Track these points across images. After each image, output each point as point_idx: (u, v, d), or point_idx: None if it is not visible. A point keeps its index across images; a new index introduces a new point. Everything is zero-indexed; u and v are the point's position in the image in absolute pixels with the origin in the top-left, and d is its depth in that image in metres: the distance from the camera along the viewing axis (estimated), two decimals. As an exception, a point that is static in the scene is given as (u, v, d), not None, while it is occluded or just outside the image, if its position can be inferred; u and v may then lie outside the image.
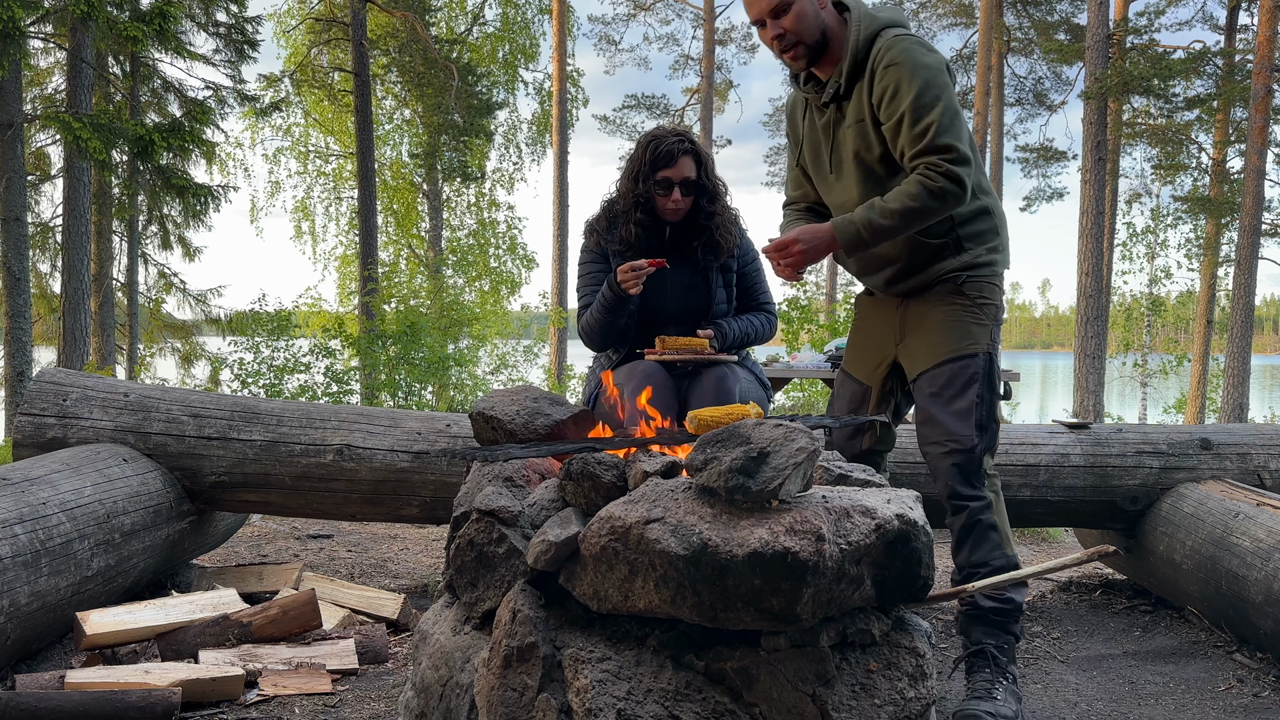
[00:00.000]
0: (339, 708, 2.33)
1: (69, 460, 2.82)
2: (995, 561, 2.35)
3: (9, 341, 9.60)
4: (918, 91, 2.27)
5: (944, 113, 2.27)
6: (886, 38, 2.36)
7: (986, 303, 2.49)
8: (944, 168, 2.27)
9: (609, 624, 1.72)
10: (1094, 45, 13.73)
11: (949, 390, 2.44)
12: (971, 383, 2.43)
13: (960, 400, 2.42)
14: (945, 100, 2.28)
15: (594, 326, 2.98)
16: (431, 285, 15.46)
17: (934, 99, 2.27)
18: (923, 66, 2.29)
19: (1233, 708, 2.47)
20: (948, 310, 2.49)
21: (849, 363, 2.78)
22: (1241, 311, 13.63)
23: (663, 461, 1.83)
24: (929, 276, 2.51)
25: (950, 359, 2.45)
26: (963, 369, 2.44)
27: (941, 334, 2.48)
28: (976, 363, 2.45)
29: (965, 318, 2.48)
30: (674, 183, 2.91)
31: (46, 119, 10.03)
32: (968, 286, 2.49)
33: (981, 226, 2.50)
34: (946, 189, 2.27)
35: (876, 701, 1.65)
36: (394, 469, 3.20)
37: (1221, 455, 3.37)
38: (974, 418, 2.41)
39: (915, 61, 2.29)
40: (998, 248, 2.53)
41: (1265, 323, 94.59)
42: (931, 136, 2.27)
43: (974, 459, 2.40)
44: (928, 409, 2.46)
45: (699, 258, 3.02)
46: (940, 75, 2.30)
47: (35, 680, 2.24)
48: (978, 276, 2.49)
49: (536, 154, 21.52)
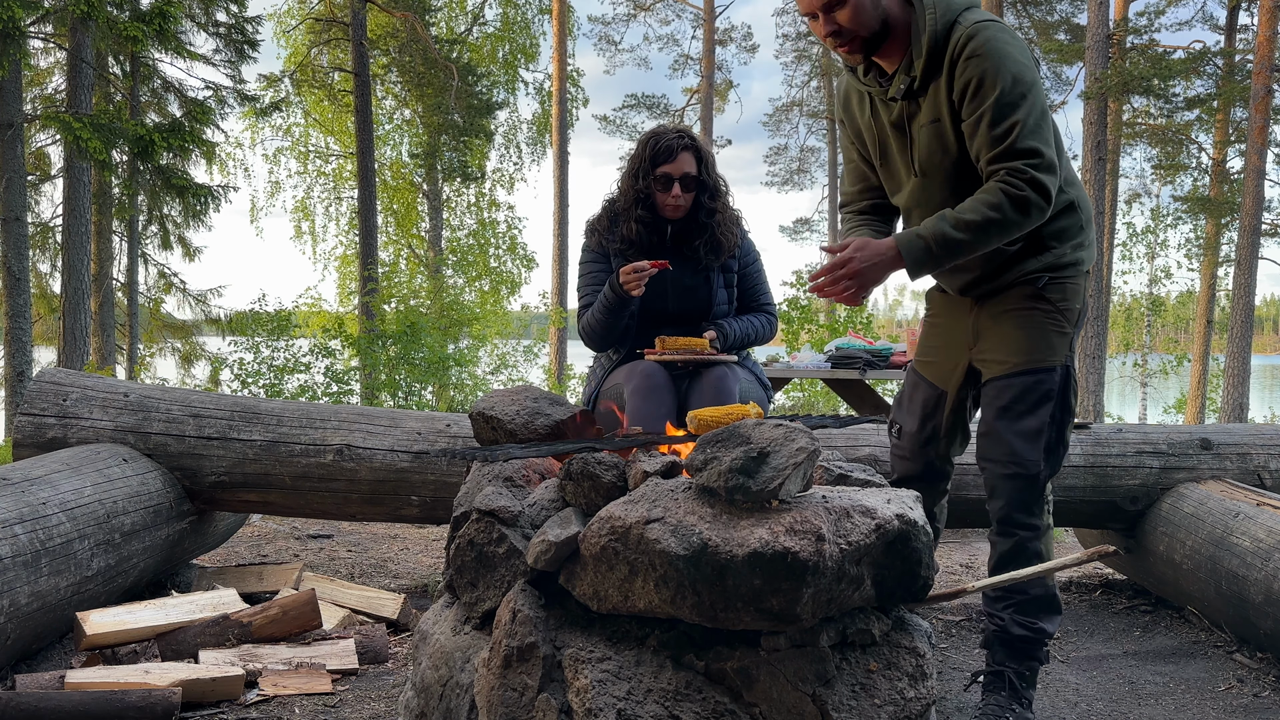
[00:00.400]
0: (339, 708, 2.33)
1: (69, 460, 2.82)
2: (1034, 590, 2.23)
3: (9, 341, 9.60)
4: (1003, 88, 2.03)
5: (1030, 113, 2.04)
6: (966, 25, 2.08)
7: (1069, 307, 2.25)
8: (1028, 174, 2.03)
9: (609, 624, 1.72)
10: (1094, 45, 13.73)
11: (1019, 406, 2.21)
12: (1045, 400, 2.21)
13: (1030, 419, 2.20)
14: (1032, 99, 2.05)
15: (595, 327, 2.98)
16: (431, 285, 15.47)
17: (1019, 96, 2.03)
18: (1011, 59, 2.04)
19: (1233, 708, 2.47)
20: (1026, 315, 2.24)
21: (921, 363, 2.53)
22: (1241, 311, 13.64)
23: (663, 461, 1.83)
24: (1008, 279, 2.27)
25: (1024, 370, 2.22)
26: (1037, 384, 2.21)
27: (1017, 341, 2.24)
28: (1053, 378, 2.21)
29: (1045, 324, 2.23)
30: (674, 178, 2.91)
31: (46, 119, 10.04)
32: (1050, 290, 2.24)
33: (1066, 223, 2.24)
34: (1031, 199, 2.04)
35: (876, 701, 1.65)
36: (394, 469, 3.20)
37: (1221, 455, 3.37)
38: (1043, 440, 2.20)
39: (1002, 52, 2.04)
40: (1083, 244, 2.28)
41: (1265, 323, 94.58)
42: (1014, 139, 2.04)
43: (1037, 485, 2.21)
44: (992, 423, 2.25)
45: (701, 256, 3.02)
46: (1029, 71, 2.06)
47: (35, 680, 2.24)
48: (1061, 278, 2.24)
49: (536, 154, 21.54)
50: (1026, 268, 2.24)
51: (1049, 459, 2.22)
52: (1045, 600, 2.25)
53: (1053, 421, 2.22)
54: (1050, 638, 2.27)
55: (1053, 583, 2.28)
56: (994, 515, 2.27)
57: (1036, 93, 2.06)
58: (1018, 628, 2.24)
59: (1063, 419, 2.24)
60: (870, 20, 2.12)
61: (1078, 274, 2.27)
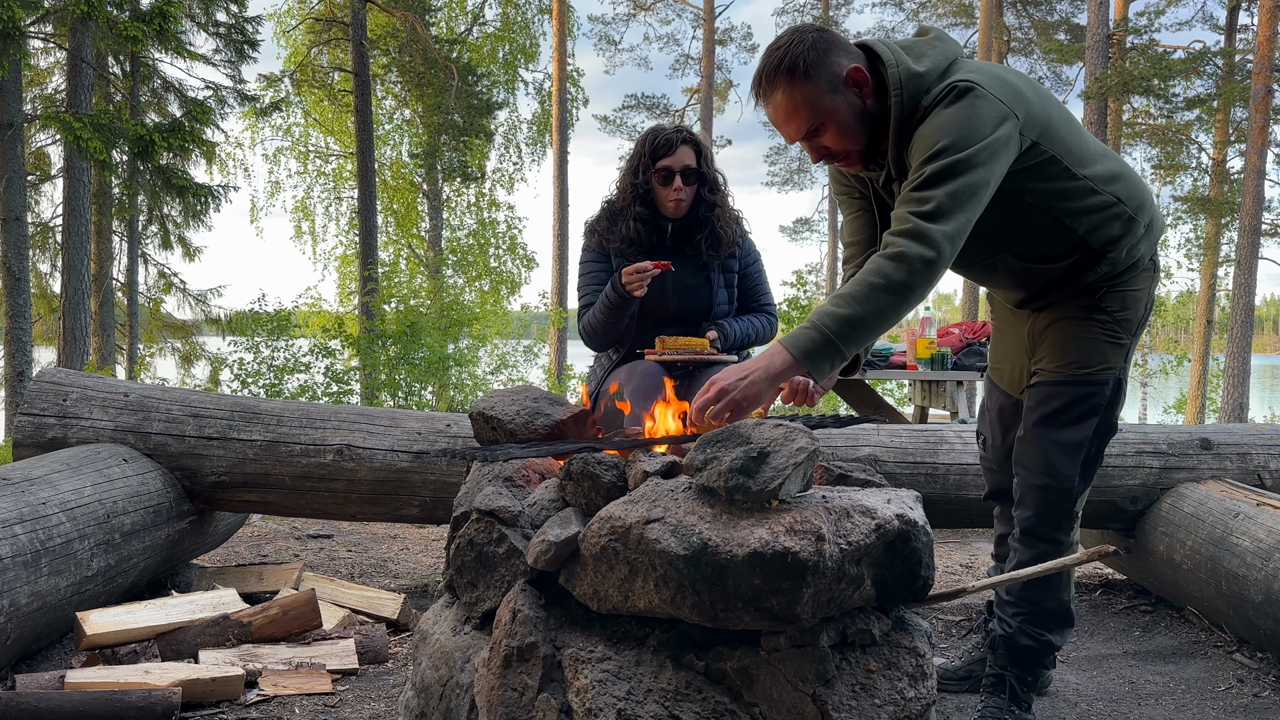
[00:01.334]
0: (339, 708, 2.33)
1: (69, 460, 2.82)
2: (1048, 603, 2.21)
3: (9, 341, 9.60)
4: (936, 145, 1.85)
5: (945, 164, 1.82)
6: (929, 100, 1.92)
7: (1128, 317, 2.12)
8: (911, 223, 1.80)
9: (609, 624, 1.72)
10: (1094, 45, 13.74)
11: (1063, 416, 2.12)
12: (1091, 414, 2.12)
13: (1072, 431, 2.12)
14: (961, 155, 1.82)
15: (596, 327, 2.98)
16: (431, 285, 15.47)
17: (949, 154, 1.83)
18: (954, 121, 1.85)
19: (1233, 708, 2.47)
20: (1081, 325, 2.13)
21: (994, 370, 2.47)
22: (1241, 311, 13.64)
23: (663, 461, 1.83)
24: (1066, 292, 2.14)
25: (1074, 380, 2.12)
26: (1086, 395, 2.12)
27: (1070, 349, 2.13)
28: (1103, 391, 2.12)
29: (1100, 334, 2.12)
30: (674, 171, 2.93)
31: (46, 119, 10.04)
32: (1108, 300, 2.11)
33: (1115, 226, 2.07)
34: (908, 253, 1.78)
35: (876, 701, 1.65)
36: (394, 469, 3.20)
37: (1221, 455, 3.37)
38: (1082, 455, 2.12)
39: (947, 118, 1.86)
40: (1138, 237, 2.09)
41: (1265, 323, 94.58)
42: (910, 186, 1.85)
43: (1068, 500, 2.14)
44: (1031, 429, 2.16)
45: (703, 250, 3.02)
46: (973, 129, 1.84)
47: (35, 680, 2.24)
48: (1120, 286, 2.11)
49: (536, 154, 21.54)
50: (1083, 280, 2.11)
51: (1084, 474, 2.15)
52: (1059, 614, 2.23)
53: (1095, 436, 2.14)
54: (1057, 650, 2.26)
55: (1068, 597, 2.24)
56: (1019, 523, 2.21)
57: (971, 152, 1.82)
58: (1025, 638, 2.23)
59: (1106, 434, 2.16)
60: (856, 133, 1.97)
61: (1136, 275, 2.13)
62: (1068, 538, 2.18)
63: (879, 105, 1.96)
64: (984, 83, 1.90)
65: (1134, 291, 2.13)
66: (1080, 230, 2.05)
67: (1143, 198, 2.13)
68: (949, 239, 1.80)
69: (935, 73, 1.96)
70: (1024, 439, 2.20)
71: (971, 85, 1.88)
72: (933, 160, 1.83)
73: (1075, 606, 2.31)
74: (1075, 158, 2.03)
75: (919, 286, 1.80)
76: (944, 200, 1.80)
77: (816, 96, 1.91)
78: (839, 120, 1.94)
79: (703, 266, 3.05)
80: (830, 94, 1.92)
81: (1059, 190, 2.02)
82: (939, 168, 1.82)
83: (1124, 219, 2.08)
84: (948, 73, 1.96)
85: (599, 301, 2.95)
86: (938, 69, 1.96)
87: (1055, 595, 2.21)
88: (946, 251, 1.80)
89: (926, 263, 1.78)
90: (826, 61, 1.90)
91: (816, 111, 1.92)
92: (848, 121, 1.94)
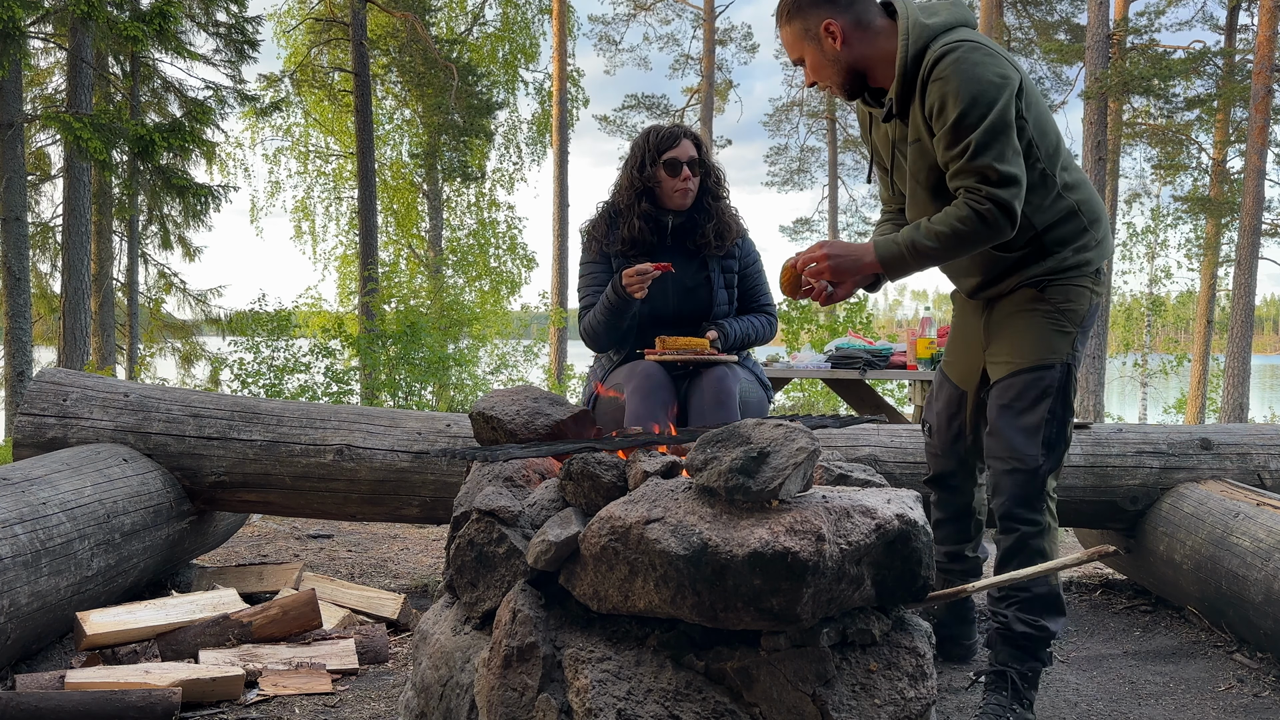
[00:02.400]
0: (339, 708, 2.33)
1: (69, 460, 2.82)
2: (1037, 589, 2.25)
3: (9, 341, 9.60)
4: (962, 109, 2.10)
5: (987, 132, 2.09)
6: (936, 49, 2.16)
7: (1071, 308, 2.31)
8: (984, 191, 2.10)
9: (609, 624, 1.72)
10: (1094, 45, 13.74)
11: (1019, 403, 2.30)
12: (1044, 397, 2.28)
13: (1030, 415, 2.28)
14: (991, 118, 2.09)
15: (597, 328, 2.99)
16: (431, 285, 15.48)
17: (977, 118, 2.09)
18: (973, 80, 2.09)
19: (1233, 708, 2.47)
20: (1028, 317, 2.33)
21: (946, 364, 2.67)
22: (1241, 311, 13.64)
23: (663, 461, 1.83)
24: (1012, 283, 2.36)
25: (1024, 369, 2.30)
26: (1036, 381, 2.29)
27: (1019, 342, 2.33)
28: (1052, 375, 2.29)
29: (1046, 325, 2.31)
30: (681, 162, 2.95)
31: (46, 119, 10.03)
32: (1051, 291, 2.32)
33: (1069, 228, 2.31)
34: (991, 214, 2.10)
35: (876, 701, 1.65)
36: (394, 469, 3.20)
37: (1221, 455, 3.37)
38: (1042, 435, 2.27)
39: (965, 74, 2.10)
40: (1088, 245, 2.33)
41: (1265, 323, 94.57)
42: (968, 159, 2.11)
43: (1036, 479, 2.27)
44: (995, 421, 2.33)
45: (710, 242, 3.03)
46: (991, 89, 2.10)
47: (35, 680, 2.24)
48: (1063, 280, 2.32)
49: (536, 154, 21.54)
50: (1030, 272, 2.32)
51: (1049, 454, 2.28)
52: (1049, 599, 2.28)
53: (1052, 417, 2.28)
54: (1054, 638, 2.28)
55: (1056, 583, 2.30)
56: (997, 512, 2.32)
57: (997, 112, 2.10)
58: (1021, 624, 2.25)
59: (1063, 415, 2.29)
60: (831, 74, 2.31)
61: (1082, 276, 2.32)
62: (1043, 519, 2.28)
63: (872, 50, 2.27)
64: (988, 44, 2.18)
65: (1077, 287, 2.32)
66: (1039, 225, 2.28)
67: (1098, 213, 2.36)
68: (1019, 200, 2.12)
69: (943, 27, 2.21)
70: (990, 434, 2.35)
71: (978, 44, 2.15)
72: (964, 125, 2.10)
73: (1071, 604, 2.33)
74: (1050, 153, 2.26)
75: (995, 240, 2.16)
76: (1008, 171, 2.10)
77: (797, 37, 2.31)
78: (813, 59, 2.31)
79: (703, 266, 3.06)
80: (807, 39, 2.29)
81: (1030, 183, 2.22)
82: (980, 136, 2.09)
83: (1079, 228, 2.32)
84: (954, 31, 2.20)
85: (599, 303, 2.96)
86: (946, 25, 2.22)
87: (1044, 581, 2.27)
88: (1018, 214, 2.13)
89: (1003, 224, 2.12)
90: (809, 12, 2.27)
91: (797, 48, 2.33)
92: (819, 62, 2.30)
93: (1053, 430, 2.28)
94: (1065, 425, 2.30)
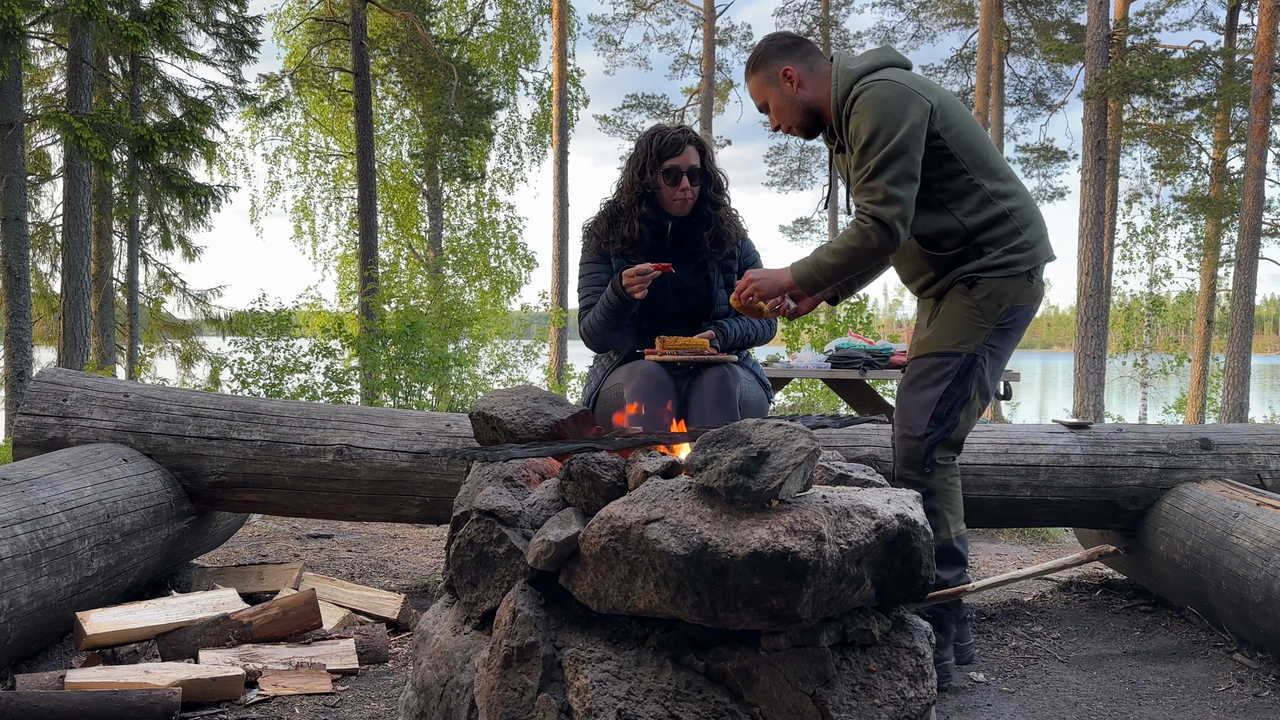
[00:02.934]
0: (339, 708, 2.33)
1: (69, 460, 2.82)
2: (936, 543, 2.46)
3: (9, 341, 9.60)
4: (867, 137, 2.43)
5: (885, 156, 2.40)
6: (857, 90, 2.49)
7: (990, 304, 2.57)
8: (870, 210, 2.42)
9: (609, 624, 1.72)
10: (1094, 45, 13.73)
11: (922, 380, 2.61)
12: (944, 379, 2.58)
13: (926, 392, 2.59)
14: (892, 145, 2.40)
15: (596, 328, 2.99)
16: (431, 285, 15.46)
17: (881, 144, 2.41)
18: (877, 112, 2.42)
19: (1233, 708, 2.47)
20: (951, 308, 2.61)
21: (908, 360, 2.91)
22: (1241, 311, 13.64)
23: (663, 461, 1.83)
24: (948, 281, 2.62)
25: (933, 353, 2.61)
26: (941, 364, 2.59)
27: (938, 329, 2.62)
28: (957, 361, 2.57)
29: (965, 316, 2.58)
30: (681, 171, 2.94)
31: (46, 119, 10.03)
32: (976, 287, 2.58)
33: (999, 231, 2.56)
34: (875, 232, 2.42)
35: (876, 701, 1.65)
36: (394, 469, 3.20)
37: (1221, 455, 3.37)
38: (932, 410, 2.57)
39: (871, 107, 2.43)
40: (1020, 247, 2.57)
41: (1265, 323, 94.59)
42: (864, 176, 2.43)
43: (920, 447, 2.57)
44: (898, 395, 2.67)
45: (705, 249, 3.03)
46: (891, 121, 2.41)
47: (35, 680, 2.24)
48: (986, 278, 2.57)
49: (536, 154, 21.52)
50: (963, 269, 2.59)
51: (936, 427, 2.57)
52: (943, 552, 2.56)
53: (946, 397, 2.57)
54: (946, 584, 2.51)
55: (948, 535, 2.58)
56: (895, 473, 2.65)
57: (898, 139, 2.41)
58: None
59: (959, 396, 2.58)
60: (792, 117, 2.66)
61: (1007, 275, 2.57)
62: (928, 481, 2.57)
63: (822, 93, 2.62)
64: (898, 78, 2.49)
65: (999, 285, 2.56)
66: (969, 227, 2.55)
67: (1031, 219, 2.61)
68: (900, 219, 2.44)
69: (865, 70, 2.54)
70: (895, 406, 2.70)
71: (891, 81, 2.47)
72: (868, 152, 2.43)
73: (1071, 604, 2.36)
74: (976, 164, 2.54)
75: (883, 251, 2.49)
76: (891, 193, 2.42)
77: (761, 84, 2.67)
78: (775, 102, 2.67)
79: (702, 267, 3.06)
80: (770, 84, 2.66)
81: (958, 191, 2.53)
82: (877, 162, 2.42)
83: (1011, 230, 2.56)
84: (876, 72, 2.53)
85: (599, 303, 2.95)
86: (868, 68, 2.55)
87: (939, 534, 2.57)
88: (899, 229, 2.44)
89: (883, 238, 2.45)
90: (770, 62, 2.65)
91: (762, 94, 2.69)
92: (781, 104, 2.66)
93: (944, 408, 2.57)
94: (959, 406, 2.58)
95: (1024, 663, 2.82)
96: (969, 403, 2.60)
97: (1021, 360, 61.14)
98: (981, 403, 2.63)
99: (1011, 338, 2.64)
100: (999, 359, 2.63)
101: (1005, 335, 2.61)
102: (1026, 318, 2.66)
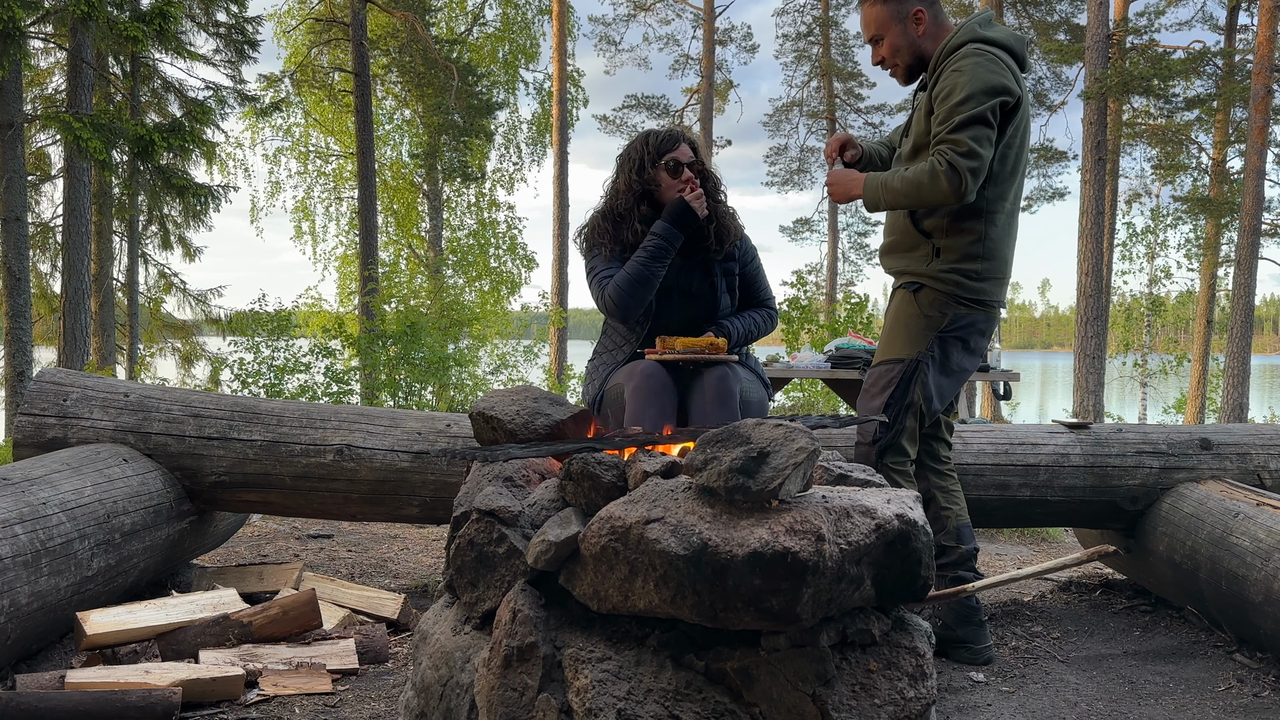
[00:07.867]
0: (339, 708, 2.33)
1: (69, 460, 2.82)
2: None
3: (9, 341, 9.60)
4: (962, 97, 2.48)
5: (970, 117, 2.46)
6: (974, 48, 2.55)
7: (933, 316, 2.68)
8: (949, 154, 2.46)
9: (609, 624, 1.72)
10: (1094, 45, 13.73)
11: (871, 389, 2.74)
12: (889, 386, 2.70)
13: (876, 400, 2.71)
14: (980, 109, 2.46)
15: (632, 280, 2.86)
16: (431, 285, 15.46)
17: (971, 107, 2.47)
18: (979, 80, 2.48)
19: (1233, 708, 2.47)
20: (896, 315, 2.76)
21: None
22: (1241, 311, 13.64)
23: (663, 461, 1.83)
24: (900, 265, 2.76)
25: (881, 362, 2.75)
26: (886, 372, 2.72)
27: (886, 339, 2.77)
28: (900, 366, 2.70)
29: (910, 325, 2.71)
30: (683, 163, 2.96)
31: (46, 119, 10.03)
32: (920, 296, 2.70)
33: (962, 246, 2.64)
34: (946, 174, 2.46)
35: (876, 701, 1.65)
36: (394, 469, 3.20)
37: (1221, 455, 3.37)
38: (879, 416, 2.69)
39: (980, 68, 2.50)
40: (971, 275, 2.65)
41: (1265, 323, 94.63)
42: (950, 127, 2.48)
43: (871, 453, 2.70)
44: (856, 406, 2.83)
45: (711, 240, 3.03)
46: (989, 96, 2.47)
47: (35, 680, 2.24)
48: (933, 288, 2.68)
49: (536, 154, 21.53)
50: (914, 268, 2.72)
51: (885, 432, 2.68)
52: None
53: (891, 404, 2.69)
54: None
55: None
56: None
57: (987, 108, 2.47)
58: None
59: (903, 400, 2.69)
60: (905, 57, 2.71)
61: (952, 293, 2.66)
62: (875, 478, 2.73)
63: (936, 45, 2.67)
64: (1011, 64, 2.56)
65: (943, 299, 2.67)
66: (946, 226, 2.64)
67: (996, 255, 2.68)
68: (974, 173, 2.48)
69: (991, 39, 2.57)
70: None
71: (1002, 58, 2.53)
72: (963, 106, 2.47)
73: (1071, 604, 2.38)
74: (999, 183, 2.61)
75: (940, 197, 2.52)
76: (973, 148, 2.47)
77: (887, 17, 2.69)
78: (893, 39, 2.71)
79: (707, 273, 3.06)
80: (896, 20, 2.69)
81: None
82: (965, 117, 2.47)
83: (972, 254, 2.65)
84: (999, 46, 2.57)
85: (641, 250, 2.88)
86: (996, 40, 2.58)
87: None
88: (969, 183, 2.47)
89: (951, 185, 2.49)
90: None
91: (883, 27, 2.71)
92: (899, 43, 2.71)
93: (890, 413, 2.69)
94: (902, 411, 2.69)
95: (1024, 663, 2.82)
96: (912, 406, 2.69)
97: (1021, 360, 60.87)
98: (927, 407, 2.72)
99: (958, 348, 2.71)
100: (946, 369, 2.71)
101: (949, 344, 2.69)
102: (974, 328, 2.71)
